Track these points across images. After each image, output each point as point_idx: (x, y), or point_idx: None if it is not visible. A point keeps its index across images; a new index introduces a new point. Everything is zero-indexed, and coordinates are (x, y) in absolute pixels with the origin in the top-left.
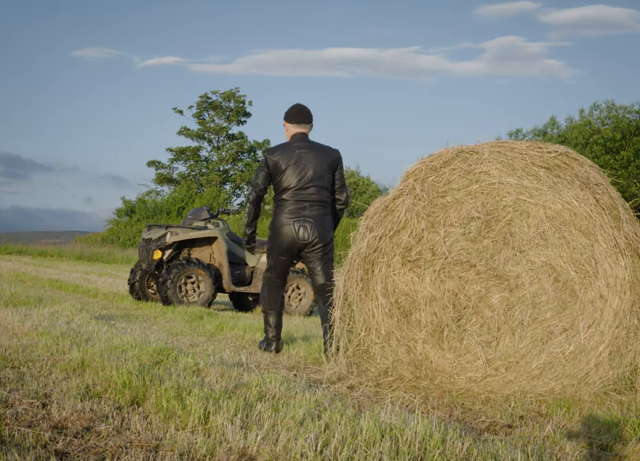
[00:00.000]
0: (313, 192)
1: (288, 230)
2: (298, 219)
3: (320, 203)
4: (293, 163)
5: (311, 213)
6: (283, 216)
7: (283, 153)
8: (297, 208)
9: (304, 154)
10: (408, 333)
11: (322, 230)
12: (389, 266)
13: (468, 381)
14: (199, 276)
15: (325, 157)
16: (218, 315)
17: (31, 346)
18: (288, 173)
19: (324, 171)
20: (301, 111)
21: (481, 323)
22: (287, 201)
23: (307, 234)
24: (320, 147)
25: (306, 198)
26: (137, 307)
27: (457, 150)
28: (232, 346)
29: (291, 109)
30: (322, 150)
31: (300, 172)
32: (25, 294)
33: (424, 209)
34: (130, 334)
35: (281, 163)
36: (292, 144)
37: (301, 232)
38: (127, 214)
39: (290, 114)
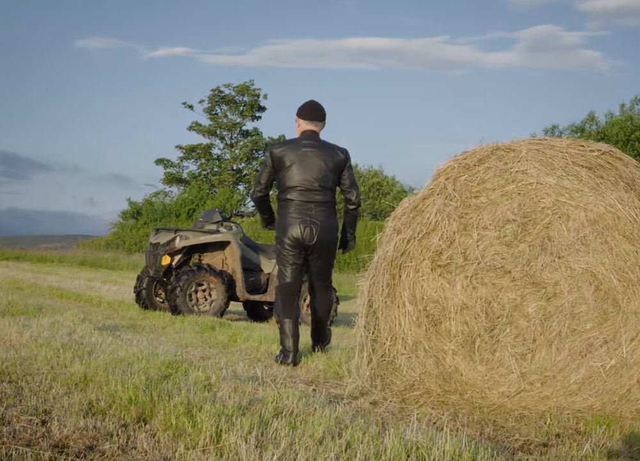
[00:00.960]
0: (318, 193)
1: (295, 230)
2: (304, 220)
3: (325, 204)
4: (298, 161)
5: (317, 214)
6: (289, 216)
7: (289, 149)
8: (303, 208)
9: (310, 153)
10: (437, 343)
11: (327, 233)
12: (417, 270)
13: (500, 396)
14: (210, 284)
15: (332, 157)
16: (231, 326)
17: (29, 359)
18: (293, 171)
19: (330, 171)
20: (315, 107)
21: (516, 334)
22: (292, 201)
23: (312, 236)
24: (328, 146)
25: (311, 199)
26: (144, 317)
27: (493, 148)
28: (246, 359)
29: (305, 105)
30: (330, 150)
31: (305, 171)
32: (23, 302)
33: (456, 210)
34: (137, 346)
35: (285, 159)
36: (300, 141)
37: (307, 233)
38: (132, 216)
39: (303, 110)
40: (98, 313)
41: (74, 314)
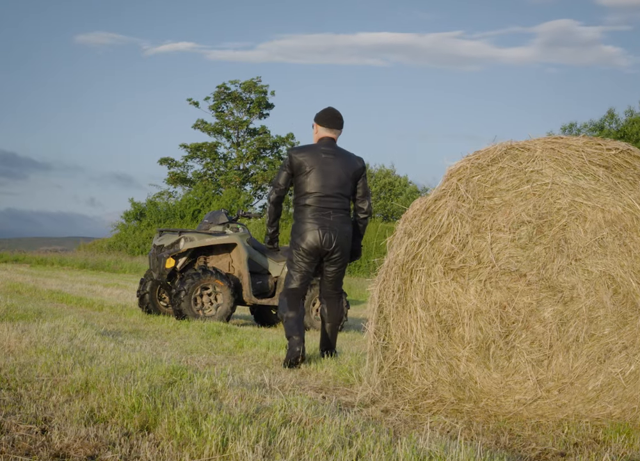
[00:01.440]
0: (336, 200)
1: (313, 236)
2: (323, 226)
3: (343, 211)
4: (318, 168)
5: (335, 221)
6: (307, 221)
7: (309, 156)
8: (321, 214)
9: (330, 160)
10: (450, 350)
11: (344, 240)
12: (429, 275)
13: (516, 404)
14: (216, 287)
15: (350, 166)
16: (238, 331)
17: (29, 365)
18: (312, 177)
19: (348, 179)
20: (335, 116)
21: (532, 340)
22: (310, 206)
23: (330, 242)
24: (346, 154)
25: (329, 206)
26: (147, 322)
27: (507, 147)
28: (253, 365)
29: (325, 112)
30: (347, 158)
31: (324, 178)
32: (22, 307)
33: (469, 212)
34: (140, 352)
35: (305, 165)
36: (319, 147)
37: (326, 239)
38: (135, 217)
39: (323, 117)
40: (100, 318)
41: (75, 319)
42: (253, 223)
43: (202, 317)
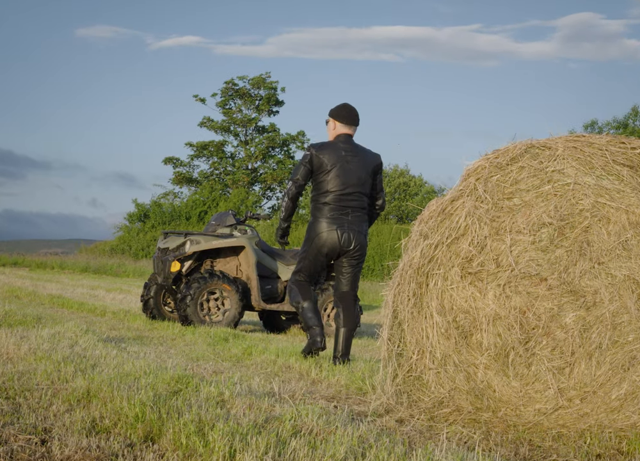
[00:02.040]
0: (356, 198)
1: (331, 236)
2: (342, 226)
3: (361, 209)
4: (339, 166)
5: (353, 220)
6: (325, 220)
7: (331, 154)
8: (340, 214)
9: (350, 158)
10: (468, 357)
11: (362, 239)
12: (446, 278)
13: (536, 413)
14: (223, 292)
15: (368, 163)
16: (246, 337)
17: (28, 373)
18: (332, 176)
19: (368, 177)
20: (353, 112)
21: (553, 346)
22: (328, 205)
23: (350, 241)
24: (364, 151)
25: (348, 204)
26: (151, 328)
27: (527, 145)
28: (262, 373)
29: (343, 108)
30: (366, 155)
31: (344, 176)
32: (21, 312)
33: (487, 213)
34: (144, 359)
35: (327, 163)
36: (339, 145)
37: (345, 239)
38: (139, 219)
39: (341, 114)
40: (102, 324)
41: (76, 325)
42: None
43: (209, 323)
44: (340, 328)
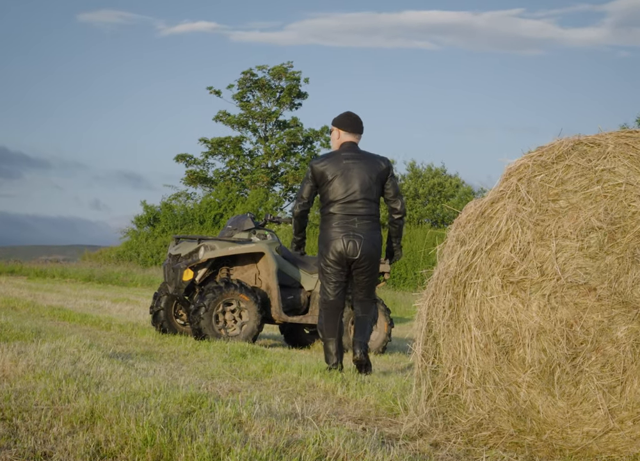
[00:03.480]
0: (362, 205)
1: (338, 245)
2: (347, 234)
3: (369, 217)
4: (340, 174)
5: (360, 228)
6: (332, 230)
7: (330, 163)
8: (346, 222)
9: (352, 165)
10: (509, 374)
11: (371, 247)
12: (485, 288)
13: (585, 436)
14: (241, 303)
15: (374, 168)
16: (265, 353)
17: (26, 392)
18: (335, 185)
19: (373, 183)
20: (356, 120)
21: (603, 363)
22: (335, 214)
23: (356, 250)
24: (369, 157)
25: (354, 212)
26: (161, 342)
27: (574, 142)
28: (283, 392)
29: (346, 117)
30: (371, 160)
31: (347, 184)
32: (19, 325)
33: (531, 216)
34: (153, 377)
35: (327, 174)
36: (340, 153)
37: (350, 248)
38: (148, 223)
39: (344, 122)
40: (108, 338)
41: (79, 339)
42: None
43: (225, 337)
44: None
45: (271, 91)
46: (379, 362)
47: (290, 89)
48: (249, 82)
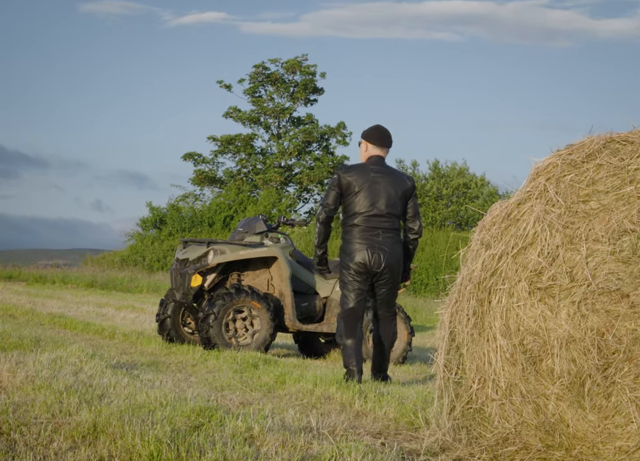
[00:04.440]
0: (386, 220)
1: (362, 257)
2: (372, 246)
3: (393, 231)
4: (367, 187)
5: (384, 240)
6: (356, 241)
7: (358, 175)
8: (370, 234)
9: (379, 179)
10: (537, 386)
11: (394, 260)
12: (511, 295)
13: (617, 452)
14: (252, 310)
15: (399, 185)
16: (278, 363)
17: (25, 405)
18: (361, 197)
19: (398, 199)
20: (385, 134)
21: (636, 374)
22: (358, 226)
23: (379, 263)
24: (396, 174)
25: (378, 225)
26: (168, 352)
27: (605, 140)
28: (297, 405)
29: (375, 131)
30: (397, 177)
31: (373, 198)
32: (17, 334)
33: (560, 219)
34: (160, 389)
35: (354, 185)
36: (368, 166)
37: (375, 260)
38: (154, 225)
39: (374, 136)
40: (111, 347)
41: (81, 349)
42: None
43: (235, 347)
44: (376, 346)
45: (284, 86)
46: (399, 373)
47: (304, 83)
48: (262, 77)
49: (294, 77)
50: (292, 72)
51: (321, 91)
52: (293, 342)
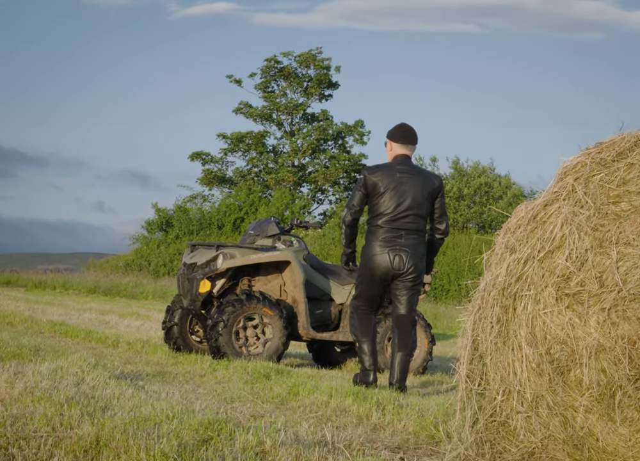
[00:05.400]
0: (411, 221)
1: (383, 259)
2: (393, 248)
3: (416, 232)
4: (393, 187)
5: (407, 242)
6: (377, 243)
7: (384, 175)
8: (393, 236)
9: (405, 179)
10: (565, 398)
11: (417, 261)
12: (538, 301)
13: None
14: (264, 318)
15: (426, 185)
16: (291, 374)
17: (23, 418)
18: (387, 198)
19: (424, 199)
20: (410, 131)
21: None
22: (382, 228)
23: (402, 264)
24: (423, 173)
25: (402, 226)
26: (175, 362)
27: (637, 137)
28: (311, 418)
29: (399, 128)
30: (424, 177)
31: (399, 198)
32: (15, 343)
33: (589, 221)
34: (166, 400)
35: (380, 185)
36: (394, 166)
37: (397, 262)
38: (160, 228)
39: (398, 134)
40: (115, 357)
41: (83, 358)
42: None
43: (246, 356)
44: (395, 353)
45: (297, 81)
46: (419, 384)
47: (319, 78)
48: (274, 71)
49: (307, 71)
50: (306, 66)
51: (336, 86)
52: (307, 351)
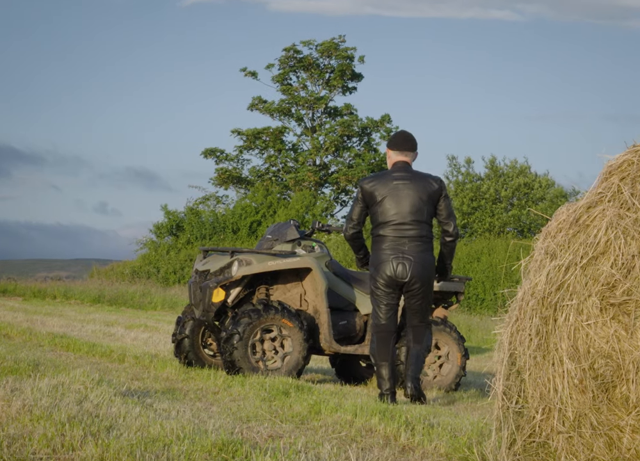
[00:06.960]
0: (412, 227)
1: (387, 268)
2: (397, 256)
3: (420, 238)
4: (389, 195)
5: (410, 250)
6: (382, 252)
7: (380, 184)
8: (397, 244)
9: (401, 186)
10: (610, 417)
11: (421, 269)
12: (581, 312)
13: None
14: (283, 330)
15: (425, 188)
16: (313, 390)
17: (22, 438)
18: (385, 206)
19: (424, 203)
20: (405, 138)
21: None
22: (385, 237)
23: (405, 272)
24: (421, 177)
25: (404, 234)
26: (186, 377)
27: None
28: (334, 438)
29: (395, 136)
30: (422, 180)
31: (397, 206)
32: (12, 357)
33: (636, 224)
34: (176, 419)
35: (376, 194)
36: (390, 174)
37: (400, 270)
38: (170, 232)
39: (394, 141)
40: (121, 372)
41: (86, 374)
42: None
43: (263, 371)
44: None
45: (318, 72)
46: (451, 402)
47: (342, 69)
48: (293, 61)
49: (329, 61)
50: (328, 56)
51: (360, 77)
52: (329, 366)
